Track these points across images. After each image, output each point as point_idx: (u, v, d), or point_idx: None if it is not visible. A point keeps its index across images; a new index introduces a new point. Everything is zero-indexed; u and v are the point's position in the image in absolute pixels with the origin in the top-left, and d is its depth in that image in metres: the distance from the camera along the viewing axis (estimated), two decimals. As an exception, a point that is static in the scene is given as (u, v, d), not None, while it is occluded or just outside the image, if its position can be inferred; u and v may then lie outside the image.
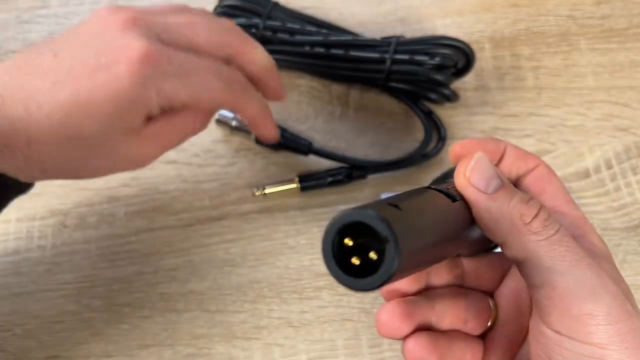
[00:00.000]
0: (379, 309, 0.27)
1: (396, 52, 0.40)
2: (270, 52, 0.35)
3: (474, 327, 0.27)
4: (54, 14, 0.46)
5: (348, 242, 0.19)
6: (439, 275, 0.28)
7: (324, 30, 0.42)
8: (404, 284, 0.27)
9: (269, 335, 0.37)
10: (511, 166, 0.27)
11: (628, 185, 0.41)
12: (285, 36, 0.41)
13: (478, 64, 0.44)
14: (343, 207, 0.39)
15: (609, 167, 0.41)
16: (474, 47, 0.44)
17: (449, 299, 0.27)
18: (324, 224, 0.39)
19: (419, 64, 0.40)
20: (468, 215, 0.24)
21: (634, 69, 0.44)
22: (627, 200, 0.40)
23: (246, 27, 0.40)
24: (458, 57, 0.40)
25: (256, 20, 0.41)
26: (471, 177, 0.24)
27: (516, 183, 0.27)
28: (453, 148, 0.28)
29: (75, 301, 0.38)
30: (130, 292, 0.38)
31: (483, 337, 0.28)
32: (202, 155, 0.41)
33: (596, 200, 0.40)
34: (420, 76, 0.40)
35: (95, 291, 0.38)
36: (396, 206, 0.19)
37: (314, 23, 0.43)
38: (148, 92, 0.29)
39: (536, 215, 0.23)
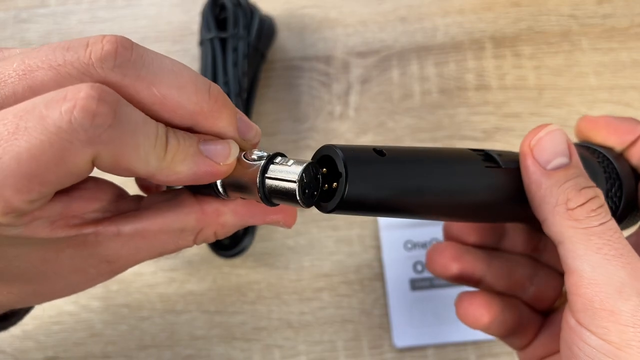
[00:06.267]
0: (431, 246, 0.28)
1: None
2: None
3: (537, 300, 0.28)
4: (52, 13, 0.45)
5: (324, 170, 0.21)
6: (513, 241, 0.29)
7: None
8: (468, 235, 0.28)
9: (269, 336, 0.37)
10: None
11: (630, 186, 0.41)
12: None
13: (479, 63, 0.44)
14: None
15: (611, 167, 0.41)
16: (475, 46, 0.44)
17: (512, 263, 0.28)
18: (324, 224, 0.39)
19: None
20: (511, 184, 0.24)
21: (635, 68, 0.44)
22: (629, 200, 0.40)
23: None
24: None
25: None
26: (535, 148, 0.24)
27: None
28: (581, 122, 0.28)
29: (74, 302, 0.37)
30: (129, 293, 0.38)
31: (546, 316, 0.28)
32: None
33: (598, 201, 0.40)
34: None
35: (94, 292, 0.37)
36: (382, 153, 0.21)
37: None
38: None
39: (583, 204, 0.23)
